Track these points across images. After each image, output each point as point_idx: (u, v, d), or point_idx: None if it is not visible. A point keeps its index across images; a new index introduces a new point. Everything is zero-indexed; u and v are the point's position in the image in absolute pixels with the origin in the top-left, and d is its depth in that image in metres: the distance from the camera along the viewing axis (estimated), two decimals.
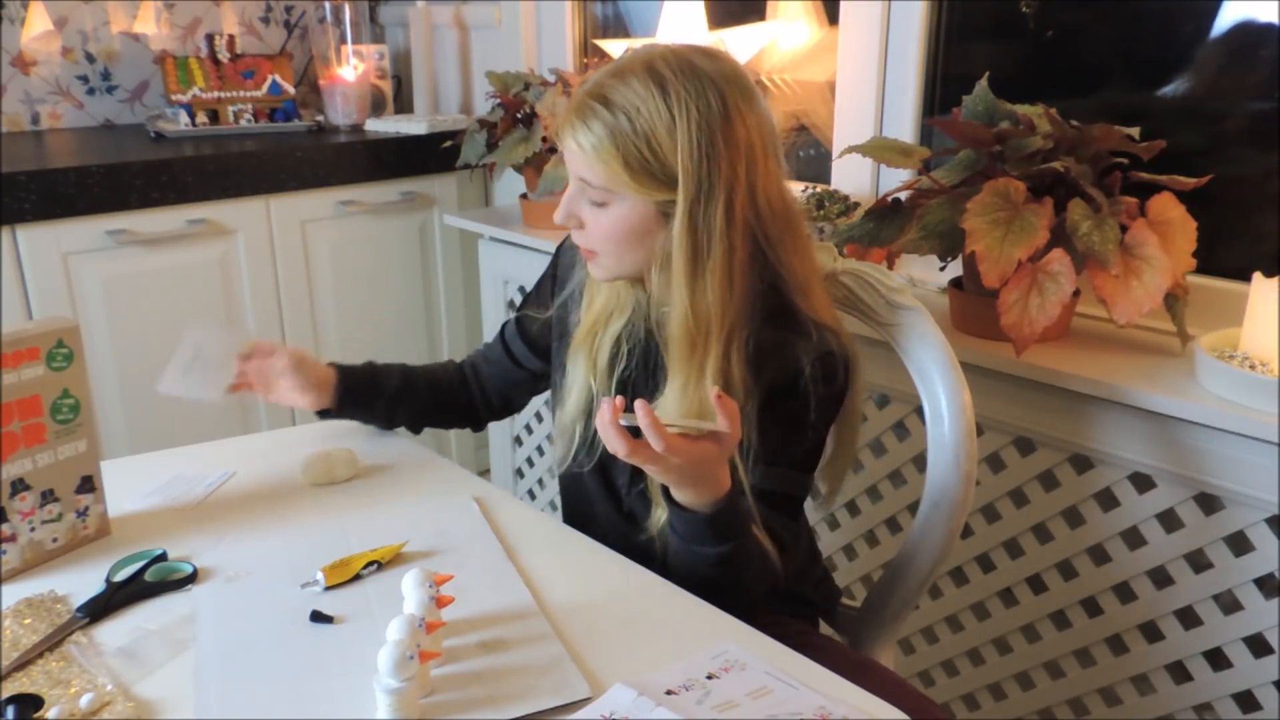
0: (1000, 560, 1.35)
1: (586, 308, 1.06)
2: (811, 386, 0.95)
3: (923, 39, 1.53)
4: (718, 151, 0.89)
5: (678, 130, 0.88)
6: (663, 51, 0.92)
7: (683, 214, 0.90)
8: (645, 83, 0.89)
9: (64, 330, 0.93)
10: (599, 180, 0.92)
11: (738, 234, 0.91)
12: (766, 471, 0.98)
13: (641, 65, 0.90)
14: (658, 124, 0.88)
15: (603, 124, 0.89)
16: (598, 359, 1.04)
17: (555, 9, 2.18)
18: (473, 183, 2.36)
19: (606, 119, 0.89)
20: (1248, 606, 1.13)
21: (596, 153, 0.90)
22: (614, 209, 0.93)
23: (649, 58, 0.91)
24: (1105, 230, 1.14)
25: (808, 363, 0.95)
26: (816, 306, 0.97)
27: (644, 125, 0.89)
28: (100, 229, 1.84)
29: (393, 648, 0.70)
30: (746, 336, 0.94)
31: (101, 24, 2.36)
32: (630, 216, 0.93)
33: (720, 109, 0.89)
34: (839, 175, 1.66)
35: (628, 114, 0.89)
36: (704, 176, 0.89)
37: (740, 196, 0.91)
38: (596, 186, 0.93)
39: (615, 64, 0.93)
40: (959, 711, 1.46)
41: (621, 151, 0.89)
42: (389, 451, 1.17)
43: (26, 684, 0.76)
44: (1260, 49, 1.28)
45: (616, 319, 1.04)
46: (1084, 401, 1.20)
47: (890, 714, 0.74)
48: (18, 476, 0.91)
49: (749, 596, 0.94)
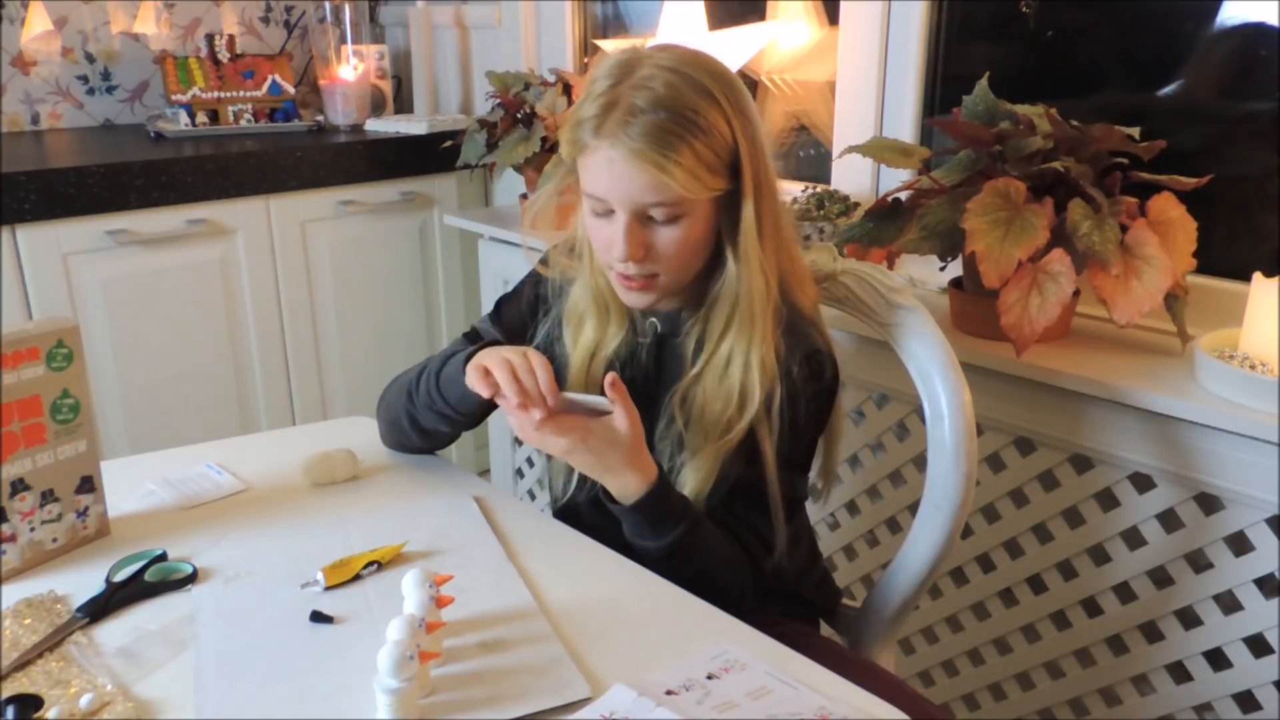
0: (1000, 560, 1.35)
1: (573, 341, 1.05)
2: (800, 385, 0.96)
3: (923, 39, 1.53)
4: (759, 145, 0.92)
5: (733, 121, 0.90)
6: (670, 57, 0.90)
7: (753, 199, 0.92)
8: (681, 84, 0.88)
9: (64, 330, 0.93)
10: (674, 196, 0.90)
11: (782, 229, 0.96)
12: (759, 471, 0.98)
13: (667, 71, 0.89)
14: (716, 120, 0.89)
15: (676, 137, 0.87)
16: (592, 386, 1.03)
17: (555, 9, 2.18)
18: (473, 183, 2.36)
19: (677, 131, 0.87)
20: (1248, 606, 1.13)
21: (678, 167, 0.88)
22: (686, 221, 0.93)
23: (664, 64, 0.89)
24: (1105, 230, 1.14)
25: (795, 360, 0.96)
26: (807, 303, 0.99)
27: (705, 124, 0.89)
28: (100, 229, 1.84)
29: (393, 648, 0.70)
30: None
31: (101, 24, 2.36)
32: (701, 222, 0.94)
33: (743, 95, 0.92)
34: (839, 175, 1.66)
35: (691, 121, 0.88)
36: (758, 164, 0.92)
37: (769, 186, 0.94)
38: (669, 205, 0.91)
39: (625, 75, 0.90)
40: (959, 711, 1.46)
41: (699, 157, 0.89)
42: (389, 452, 1.17)
43: (26, 684, 0.76)
44: (1261, 48, 1.28)
45: (609, 343, 1.03)
46: (1084, 401, 1.20)
47: (890, 714, 0.74)
48: (18, 476, 0.90)
49: (720, 587, 0.92)
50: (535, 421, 0.88)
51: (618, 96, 0.89)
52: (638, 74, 0.90)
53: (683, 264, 0.96)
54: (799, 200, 1.57)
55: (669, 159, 0.87)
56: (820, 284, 1.13)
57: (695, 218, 0.93)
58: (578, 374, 1.04)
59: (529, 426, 0.89)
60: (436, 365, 1.03)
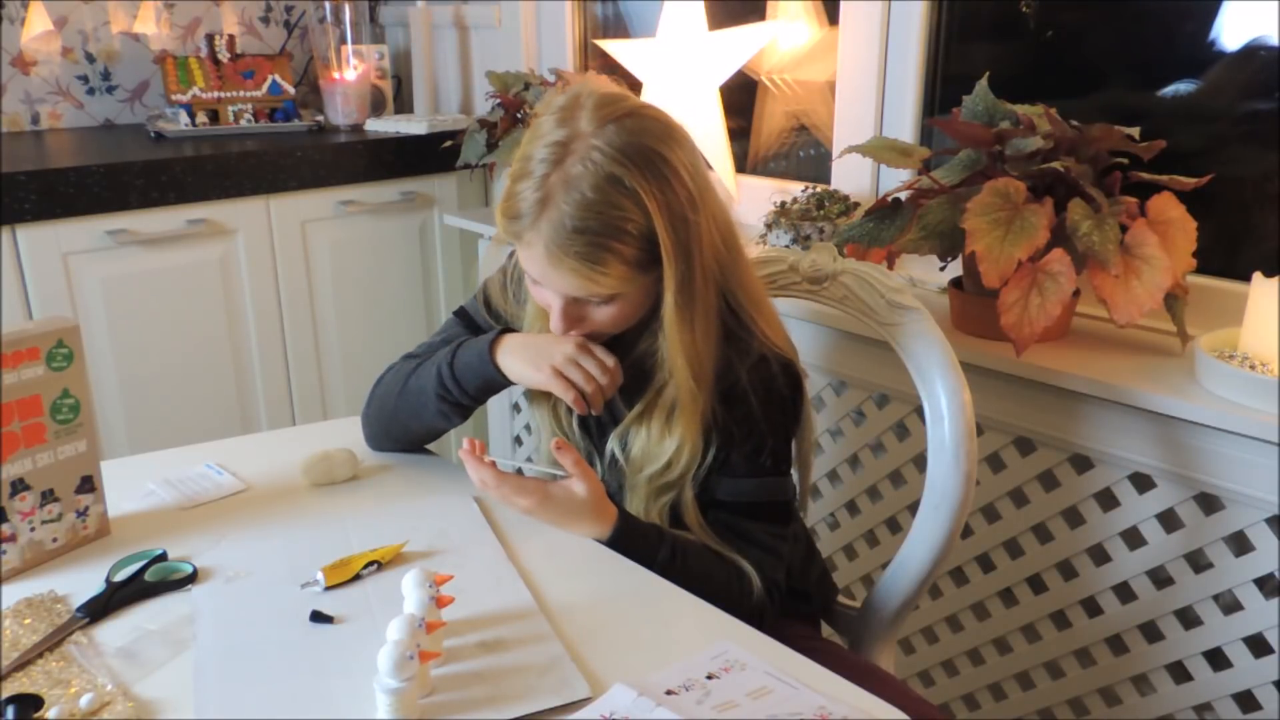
0: (1000, 560, 1.35)
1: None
2: (750, 393, 0.98)
3: (923, 39, 1.53)
4: (685, 218, 0.91)
5: (658, 209, 0.89)
6: (603, 143, 0.89)
7: (674, 291, 0.92)
8: (608, 188, 0.88)
9: (64, 330, 0.93)
10: (606, 293, 0.93)
11: (711, 285, 0.95)
12: (741, 485, 0.99)
13: (595, 169, 0.88)
14: (641, 216, 0.89)
15: (604, 250, 0.89)
16: (557, 406, 1.07)
17: (555, 9, 2.18)
18: (473, 183, 2.36)
19: (604, 244, 0.89)
20: (1248, 606, 1.13)
21: (606, 276, 0.91)
22: (619, 301, 0.95)
23: (594, 159, 0.88)
24: (1105, 230, 1.14)
25: (743, 370, 0.97)
26: (768, 328, 1.00)
27: (633, 226, 0.89)
28: (100, 229, 1.84)
29: (393, 648, 0.70)
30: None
31: (101, 24, 2.36)
32: (633, 300, 0.96)
33: (670, 174, 0.90)
34: (839, 175, 1.66)
35: (618, 229, 0.89)
36: (682, 250, 0.91)
37: (707, 246, 0.94)
38: (601, 296, 0.94)
39: (559, 161, 0.89)
40: (959, 711, 1.46)
41: (626, 261, 0.91)
42: (389, 452, 1.17)
43: (26, 684, 0.76)
44: (1261, 50, 1.28)
45: None
46: (1084, 401, 1.20)
47: (890, 714, 0.74)
48: (18, 476, 0.91)
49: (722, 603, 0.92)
50: (495, 482, 0.95)
51: (549, 193, 0.89)
52: (569, 166, 0.89)
53: (619, 326, 0.99)
54: (799, 200, 1.57)
55: (598, 270, 0.90)
56: (820, 284, 1.13)
57: (629, 297, 0.95)
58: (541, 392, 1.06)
59: (491, 484, 0.95)
60: (447, 357, 1.05)
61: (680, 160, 0.91)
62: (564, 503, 0.95)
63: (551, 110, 0.93)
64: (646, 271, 0.93)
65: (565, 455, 0.94)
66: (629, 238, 0.90)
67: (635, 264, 0.91)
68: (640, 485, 1.01)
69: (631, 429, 1.01)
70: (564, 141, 0.90)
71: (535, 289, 0.98)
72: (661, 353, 0.97)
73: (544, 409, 1.08)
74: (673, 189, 0.90)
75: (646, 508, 1.02)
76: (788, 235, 1.53)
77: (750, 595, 0.99)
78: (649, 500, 1.01)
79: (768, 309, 1.02)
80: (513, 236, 0.94)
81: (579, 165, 0.89)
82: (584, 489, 0.94)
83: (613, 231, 0.89)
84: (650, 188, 0.89)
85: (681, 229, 0.91)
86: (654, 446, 0.99)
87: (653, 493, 1.01)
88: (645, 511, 1.02)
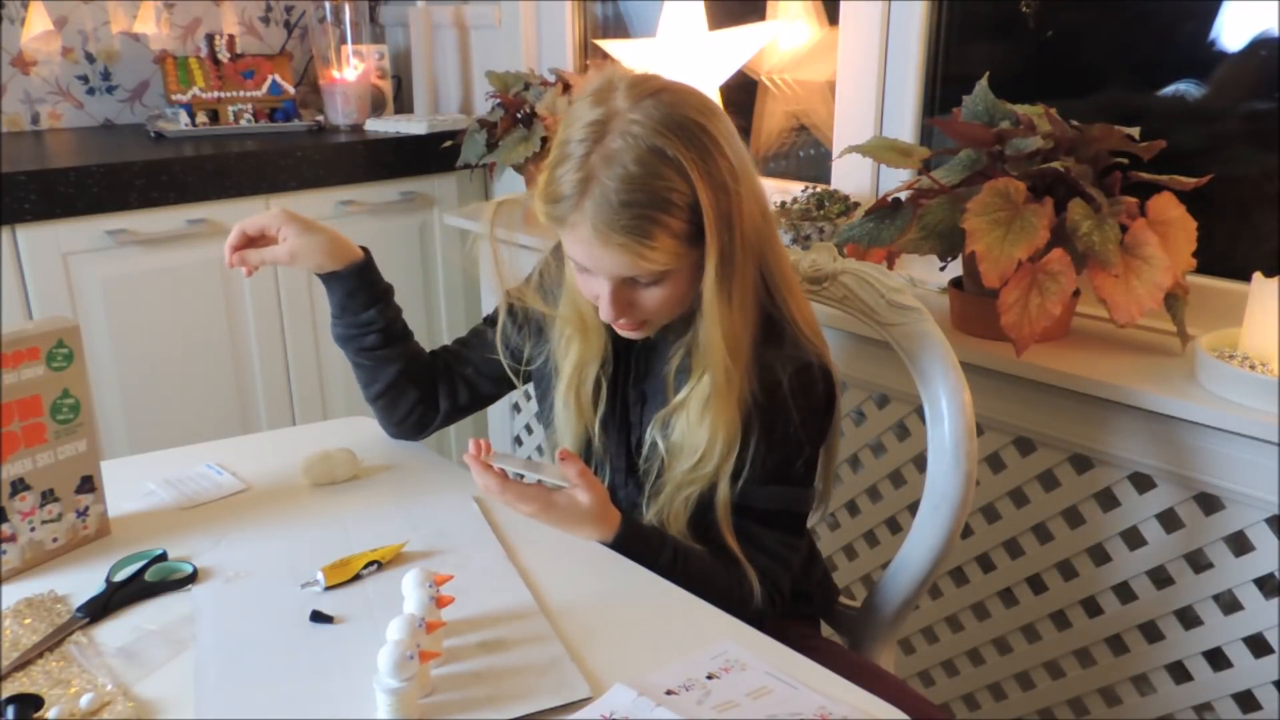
0: (1000, 560, 1.35)
1: (564, 357, 1.07)
2: (790, 399, 0.96)
3: (923, 39, 1.53)
4: (727, 188, 0.90)
5: (702, 181, 0.88)
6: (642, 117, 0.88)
7: (715, 264, 0.91)
8: (651, 159, 0.87)
9: (64, 330, 0.93)
10: (657, 269, 0.92)
11: (750, 258, 0.94)
12: (763, 490, 0.99)
13: (636, 141, 0.87)
14: (687, 187, 0.88)
15: (651, 223, 0.88)
16: (583, 404, 1.06)
17: (555, 9, 2.18)
18: (473, 183, 2.35)
19: (651, 216, 0.88)
20: (1248, 606, 1.13)
21: (655, 250, 0.89)
22: (669, 280, 0.94)
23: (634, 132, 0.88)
24: (1105, 230, 1.14)
25: (785, 375, 0.96)
26: (799, 313, 0.99)
27: (679, 197, 0.88)
28: (100, 229, 1.84)
29: (393, 648, 0.70)
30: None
31: (101, 24, 2.36)
32: (684, 275, 0.94)
33: (710, 144, 0.89)
34: (839, 175, 1.66)
35: (664, 199, 0.88)
36: (725, 221, 0.90)
37: (748, 217, 0.92)
38: (650, 274, 0.93)
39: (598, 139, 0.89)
40: (959, 711, 1.46)
41: (674, 234, 0.89)
42: (389, 451, 1.17)
43: (26, 684, 0.76)
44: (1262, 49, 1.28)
45: (592, 364, 1.05)
46: (1084, 401, 1.19)
47: (890, 714, 0.74)
48: (18, 476, 0.91)
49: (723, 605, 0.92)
50: (499, 488, 0.93)
51: (591, 171, 0.88)
52: (609, 142, 0.88)
53: (670, 311, 0.97)
54: (799, 200, 1.57)
55: (647, 245, 0.89)
56: (820, 284, 1.13)
57: (678, 275, 0.94)
58: (569, 387, 1.06)
59: (495, 491, 0.93)
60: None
61: (720, 130, 0.90)
62: (567, 510, 0.94)
63: (584, 95, 0.93)
64: (694, 246, 0.91)
65: (570, 466, 0.93)
66: (675, 209, 0.88)
67: (683, 237, 0.90)
68: (676, 476, 1.00)
69: (671, 418, 1.00)
70: (602, 120, 0.89)
71: (583, 278, 0.96)
72: (700, 341, 0.96)
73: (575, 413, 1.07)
74: (714, 159, 0.89)
75: (672, 496, 1.00)
76: (788, 235, 1.53)
77: (749, 603, 0.98)
78: (677, 489, 1.00)
79: (798, 290, 1.01)
80: (555, 221, 0.92)
81: (619, 140, 0.88)
82: (587, 498, 0.93)
83: (659, 203, 0.88)
84: (693, 157, 0.88)
85: (724, 199, 0.90)
86: (692, 430, 0.97)
87: (684, 483, 0.99)
88: (670, 500, 1.00)
